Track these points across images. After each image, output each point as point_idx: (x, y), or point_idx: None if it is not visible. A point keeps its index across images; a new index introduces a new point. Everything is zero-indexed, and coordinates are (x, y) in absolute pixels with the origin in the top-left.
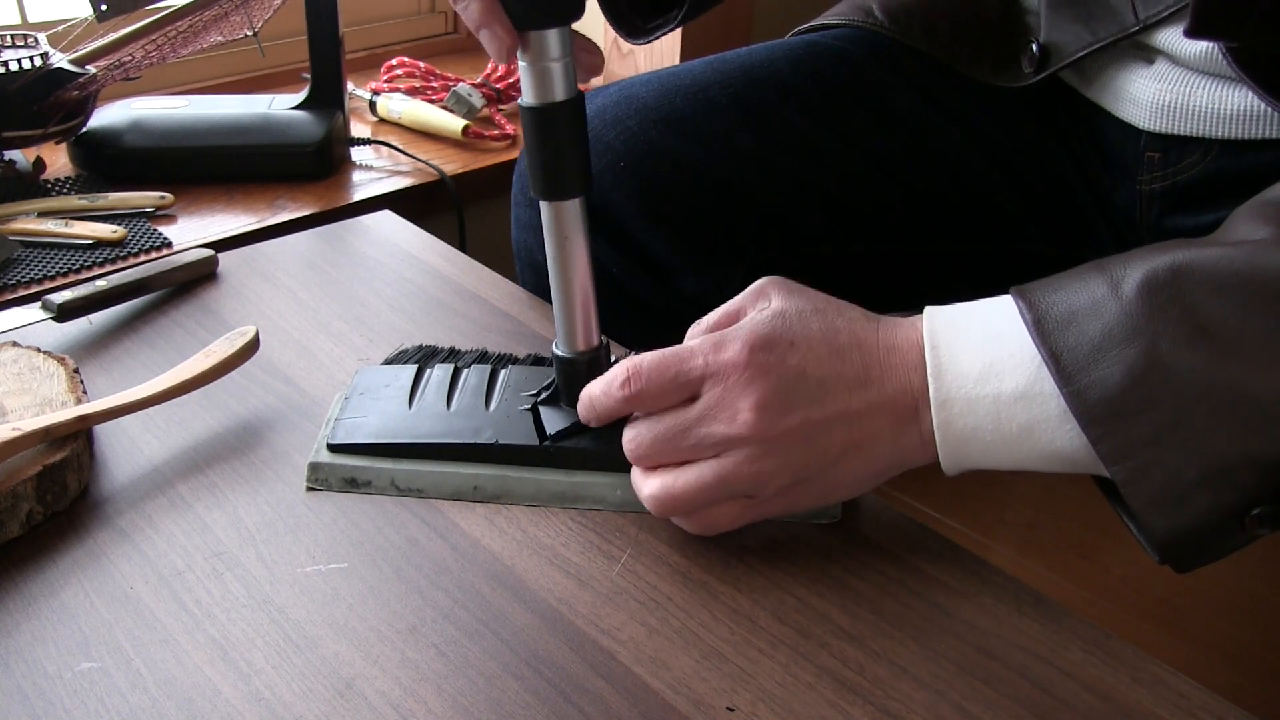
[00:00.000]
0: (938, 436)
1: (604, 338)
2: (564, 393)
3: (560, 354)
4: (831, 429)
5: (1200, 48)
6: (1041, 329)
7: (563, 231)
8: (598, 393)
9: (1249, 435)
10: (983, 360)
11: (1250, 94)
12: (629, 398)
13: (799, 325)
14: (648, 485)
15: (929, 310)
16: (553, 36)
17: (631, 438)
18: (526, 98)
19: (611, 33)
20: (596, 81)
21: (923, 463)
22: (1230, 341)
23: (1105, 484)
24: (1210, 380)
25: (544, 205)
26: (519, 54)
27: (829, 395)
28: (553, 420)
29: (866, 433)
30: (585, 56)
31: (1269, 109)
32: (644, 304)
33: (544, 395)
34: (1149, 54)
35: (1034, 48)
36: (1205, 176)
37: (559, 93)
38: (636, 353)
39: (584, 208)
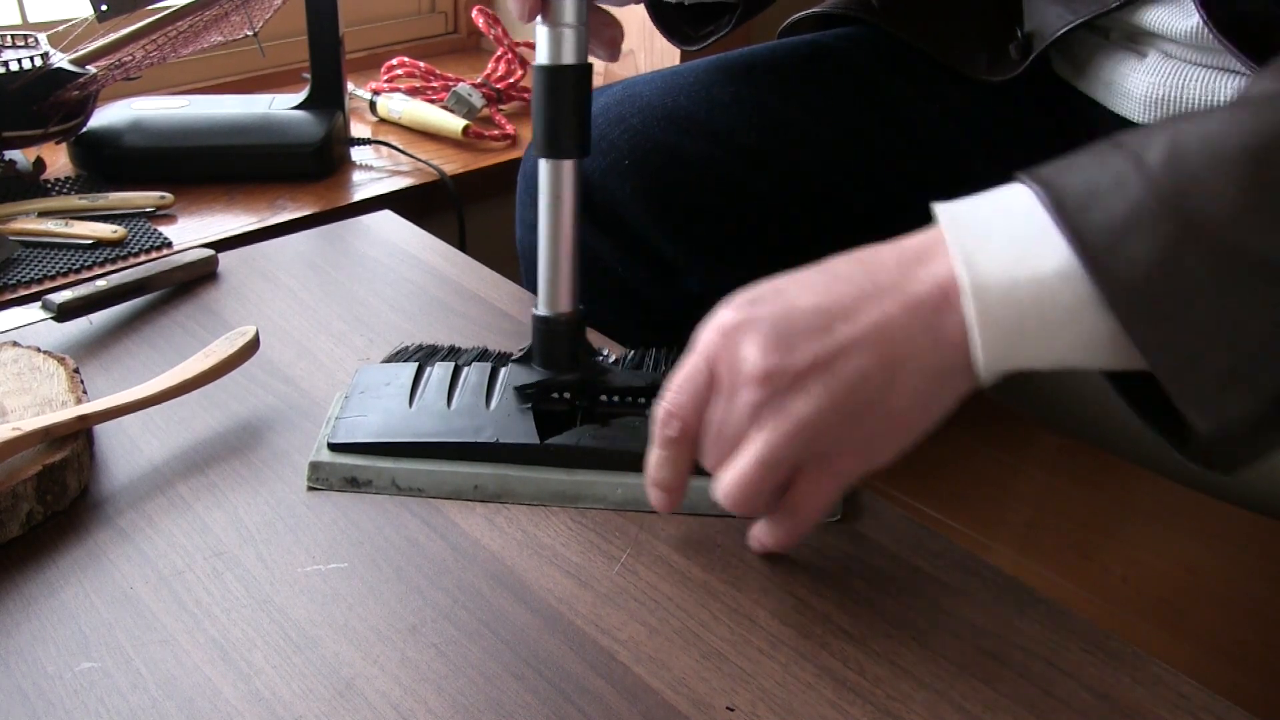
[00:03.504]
0: (976, 331)
1: (582, 306)
2: (537, 354)
3: (540, 314)
4: (852, 352)
5: (1189, 27)
6: (1063, 209)
7: (556, 191)
8: (656, 452)
9: None
10: (1015, 239)
11: (1242, 83)
12: (679, 433)
13: (783, 276)
14: (716, 492)
15: (941, 205)
16: (570, 3)
17: (703, 459)
18: (539, 58)
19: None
20: (602, 79)
21: (969, 379)
22: (1268, 212)
23: (1130, 391)
24: (1250, 254)
25: (542, 163)
26: (539, 17)
27: (834, 319)
28: (520, 377)
29: (900, 343)
30: (606, 30)
31: None
32: (648, 303)
33: (516, 355)
34: (1142, 46)
35: (1020, 35)
36: None
37: (568, 56)
38: (640, 351)
39: (578, 172)
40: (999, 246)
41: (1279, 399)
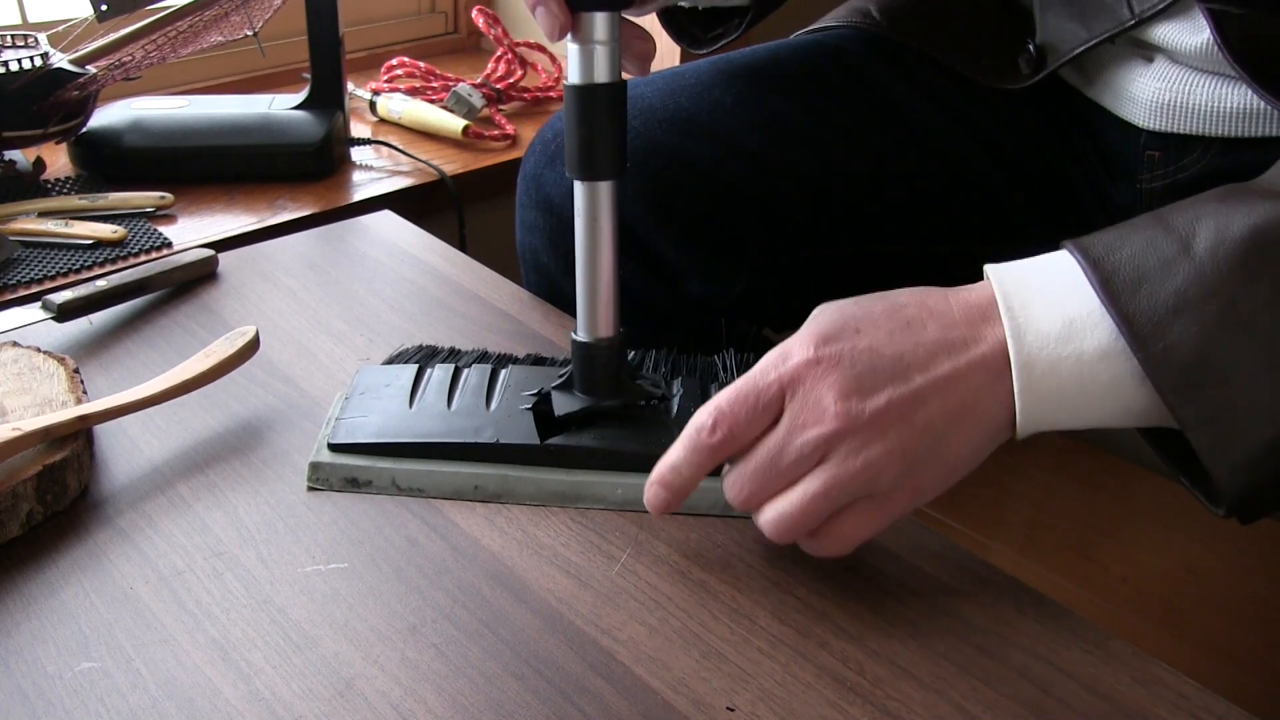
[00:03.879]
0: (1019, 399)
1: (622, 329)
2: (578, 380)
3: (580, 339)
4: (926, 401)
5: (1199, 43)
6: (1110, 290)
7: (593, 213)
8: (683, 454)
9: None
10: (1061, 318)
11: (1249, 91)
12: (722, 441)
13: (859, 310)
14: (763, 519)
15: (992, 269)
16: (601, 20)
17: (733, 483)
18: (571, 77)
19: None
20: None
21: (1013, 432)
22: None
23: (1154, 435)
24: None
25: (577, 186)
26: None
27: (912, 368)
28: (563, 404)
29: (965, 397)
30: (638, 44)
31: (1267, 107)
32: (651, 306)
33: (558, 383)
34: (1148, 52)
35: (1031, 48)
36: (1205, 175)
37: (601, 75)
38: (644, 351)
39: (615, 193)
40: (1045, 323)
41: None
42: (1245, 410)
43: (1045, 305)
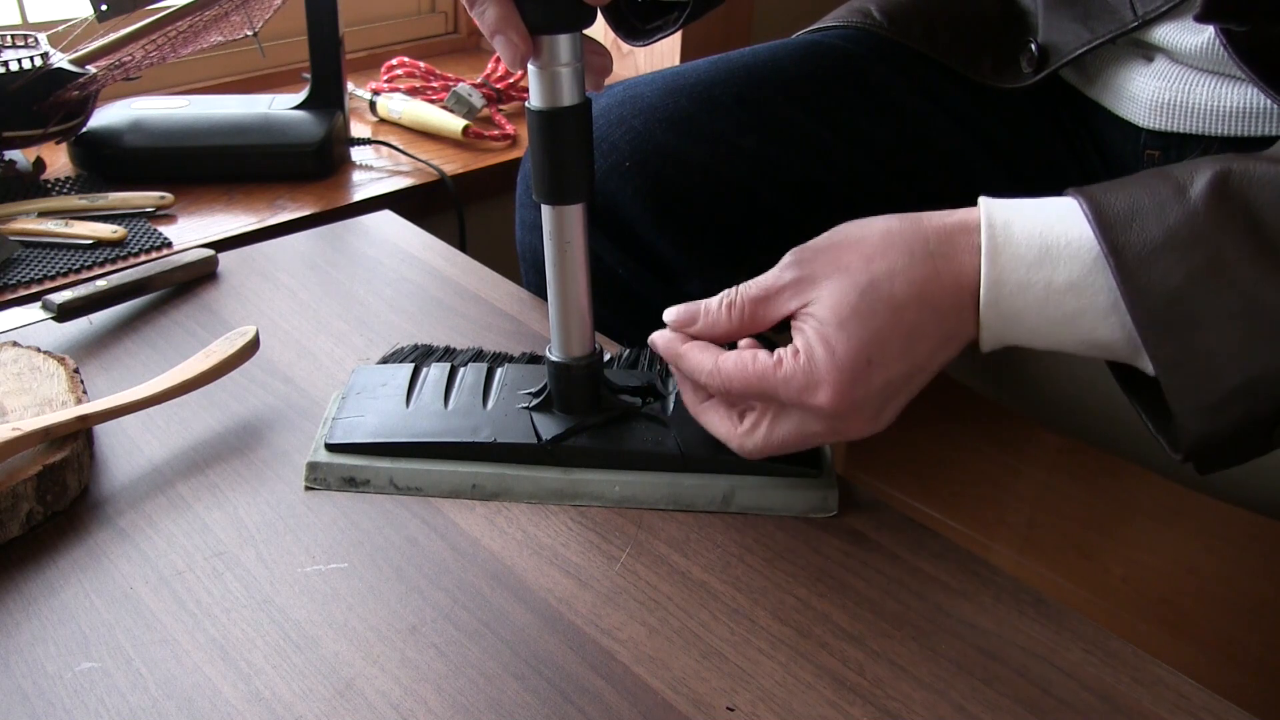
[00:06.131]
0: (983, 314)
1: (599, 345)
2: (556, 398)
3: (555, 359)
4: (913, 382)
5: (1199, 43)
6: (1103, 222)
7: (563, 236)
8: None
9: None
10: (1040, 245)
11: (1249, 91)
12: (701, 398)
13: (868, 330)
14: (749, 445)
15: (984, 199)
16: (564, 42)
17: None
18: (534, 101)
19: (612, 33)
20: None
21: (971, 335)
22: None
23: (1124, 377)
24: (1267, 294)
25: (545, 209)
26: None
27: (914, 370)
28: (547, 427)
29: (932, 361)
30: (595, 59)
31: (1267, 106)
32: (650, 305)
33: (536, 402)
34: (1149, 52)
35: (1033, 47)
36: None
37: (567, 98)
38: (634, 348)
39: (585, 214)
40: (1022, 247)
41: (1263, 421)
42: (1214, 355)
43: (1026, 231)
